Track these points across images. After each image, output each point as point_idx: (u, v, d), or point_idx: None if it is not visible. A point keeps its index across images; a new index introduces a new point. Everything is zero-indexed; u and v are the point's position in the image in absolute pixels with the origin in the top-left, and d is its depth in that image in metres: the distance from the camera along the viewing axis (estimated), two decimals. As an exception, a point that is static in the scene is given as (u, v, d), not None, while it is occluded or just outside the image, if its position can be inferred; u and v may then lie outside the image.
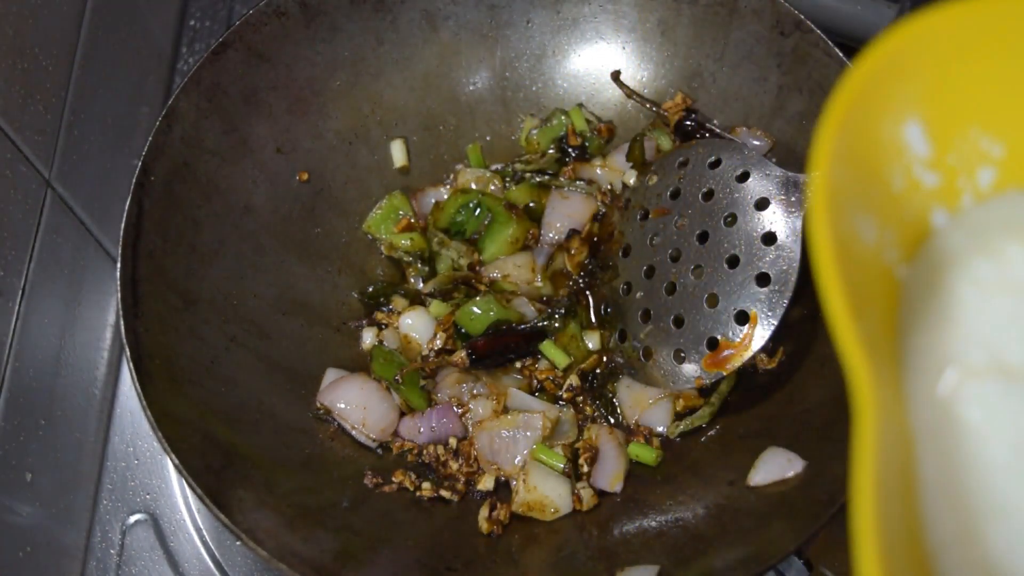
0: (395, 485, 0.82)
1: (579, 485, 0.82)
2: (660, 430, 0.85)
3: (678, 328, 0.82)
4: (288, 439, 0.82)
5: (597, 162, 0.96)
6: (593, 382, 0.88)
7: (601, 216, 0.93)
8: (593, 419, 0.86)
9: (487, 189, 0.95)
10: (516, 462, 0.82)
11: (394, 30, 0.94)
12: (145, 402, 0.73)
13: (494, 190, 0.95)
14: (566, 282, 0.93)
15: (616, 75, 0.97)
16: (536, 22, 0.96)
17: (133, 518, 0.94)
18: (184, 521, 0.94)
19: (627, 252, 0.88)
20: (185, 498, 0.94)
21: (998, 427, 0.45)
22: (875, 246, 0.48)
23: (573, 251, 0.92)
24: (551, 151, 0.97)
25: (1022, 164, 0.51)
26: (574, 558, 0.77)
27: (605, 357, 0.89)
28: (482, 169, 0.97)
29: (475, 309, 0.87)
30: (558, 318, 0.88)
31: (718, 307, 0.79)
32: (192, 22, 1.19)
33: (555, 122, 0.97)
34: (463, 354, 0.85)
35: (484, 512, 0.80)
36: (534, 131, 0.98)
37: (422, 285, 0.94)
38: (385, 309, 0.93)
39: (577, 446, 0.84)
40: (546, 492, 0.80)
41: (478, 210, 0.93)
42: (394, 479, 0.82)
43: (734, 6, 0.89)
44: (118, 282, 0.77)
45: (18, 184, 0.83)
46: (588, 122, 0.97)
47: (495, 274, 0.92)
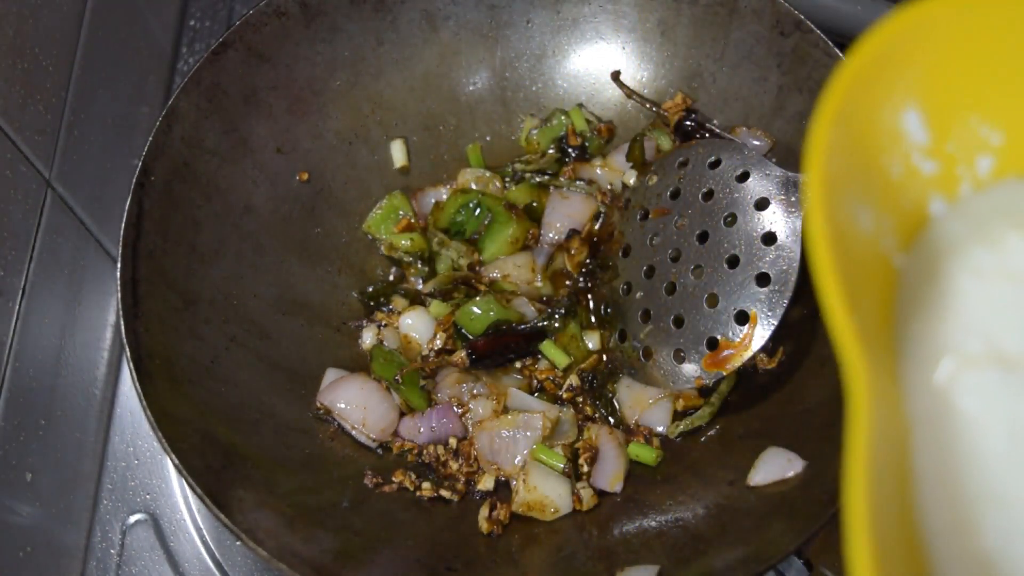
0: (395, 485, 0.82)
1: (579, 485, 0.82)
2: (660, 430, 0.85)
3: (678, 328, 0.82)
4: (288, 439, 0.82)
5: (597, 162, 0.96)
6: (593, 382, 0.88)
7: (601, 216, 0.93)
8: (593, 419, 0.86)
9: (487, 189, 0.95)
10: (516, 462, 0.82)
11: (394, 30, 0.94)
12: (145, 402, 0.73)
13: (494, 190, 0.95)
14: (566, 282, 0.93)
15: (616, 75, 0.97)
16: (536, 22, 0.96)
17: (133, 518, 0.94)
18: (184, 521, 0.94)
19: (627, 252, 0.88)
20: (185, 498, 0.94)
21: (995, 416, 0.45)
22: (872, 234, 0.48)
23: (573, 251, 0.92)
24: (551, 151, 0.97)
25: (1021, 152, 0.51)
26: (574, 558, 0.77)
27: (605, 357, 0.89)
28: (482, 169, 0.97)
29: (475, 309, 0.87)
30: (558, 318, 0.88)
31: (718, 307, 0.79)
32: (192, 22, 1.19)
33: (555, 122, 0.97)
34: (463, 354, 0.85)
35: (484, 512, 0.80)
36: (534, 131, 0.98)
37: (422, 285, 0.94)
38: (385, 309, 0.93)
39: (577, 446, 0.84)
40: (546, 492, 0.80)
41: (478, 210, 0.93)
42: (394, 479, 0.82)
43: (734, 6, 0.89)
44: (118, 282, 0.77)
45: (18, 184, 0.83)
46: (588, 122, 0.97)
47: (495, 274, 0.92)
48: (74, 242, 0.94)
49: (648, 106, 0.96)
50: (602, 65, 0.97)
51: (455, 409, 0.85)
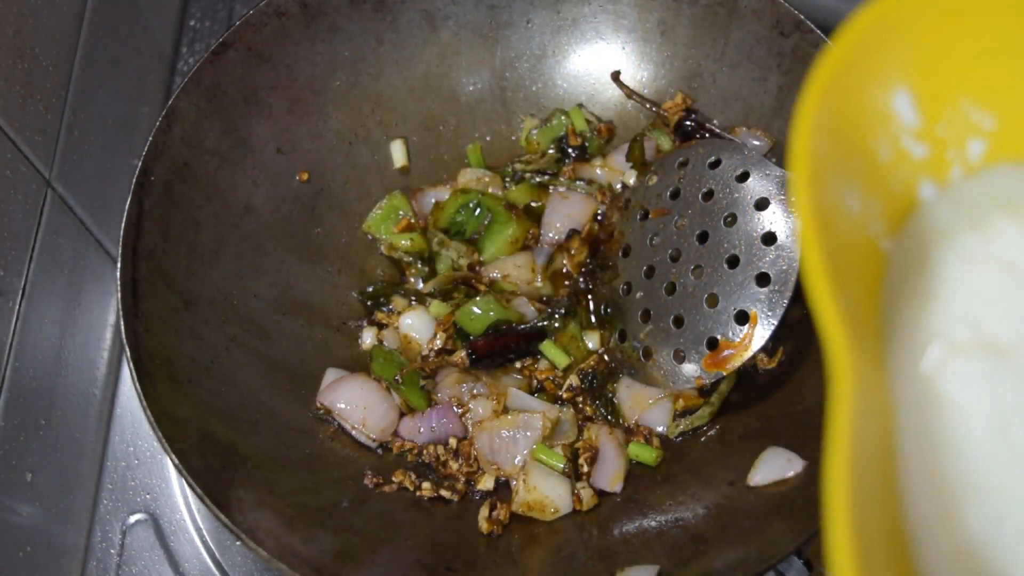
0: (395, 485, 0.82)
1: (579, 485, 0.82)
2: (660, 430, 0.85)
3: (678, 328, 0.82)
4: (288, 439, 0.82)
5: (597, 162, 0.96)
6: (593, 382, 0.88)
7: (601, 216, 0.93)
8: (593, 419, 0.86)
9: (487, 189, 0.95)
10: (516, 462, 0.82)
11: (394, 30, 0.94)
12: (145, 402, 0.73)
13: (494, 190, 0.95)
14: (566, 282, 0.93)
15: (616, 75, 0.97)
16: (536, 22, 0.96)
17: (133, 518, 0.94)
18: (184, 521, 0.94)
19: (627, 252, 0.88)
20: (185, 498, 0.94)
21: (981, 404, 0.44)
22: (860, 218, 0.47)
23: (573, 251, 0.92)
24: (551, 151, 0.97)
25: (1014, 137, 0.50)
26: (574, 558, 0.77)
27: (605, 357, 0.89)
28: (482, 169, 0.97)
29: (475, 309, 0.87)
30: (558, 318, 0.88)
31: (718, 307, 0.79)
32: (192, 22, 1.19)
33: (555, 122, 0.97)
34: (463, 354, 0.85)
35: (484, 512, 0.80)
36: (534, 131, 0.98)
37: (422, 285, 0.94)
38: (385, 309, 0.93)
39: (577, 446, 0.84)
40: (546, 492, 0.80)
41: (478, 210, 0.93)
42: (394, 479, 0.82)
43: (734, 6, 0.89)
44: (118, 282, 0.77)
45: (18, 184, 0.83)
46: (588, 122, 0.97)
47: (495, 274, 0.92)
48: (74, 242, 0.94)
49: (648, 106, 0.96)
50: (602, 65, 0.97)
51: (455, 409, 0.85)
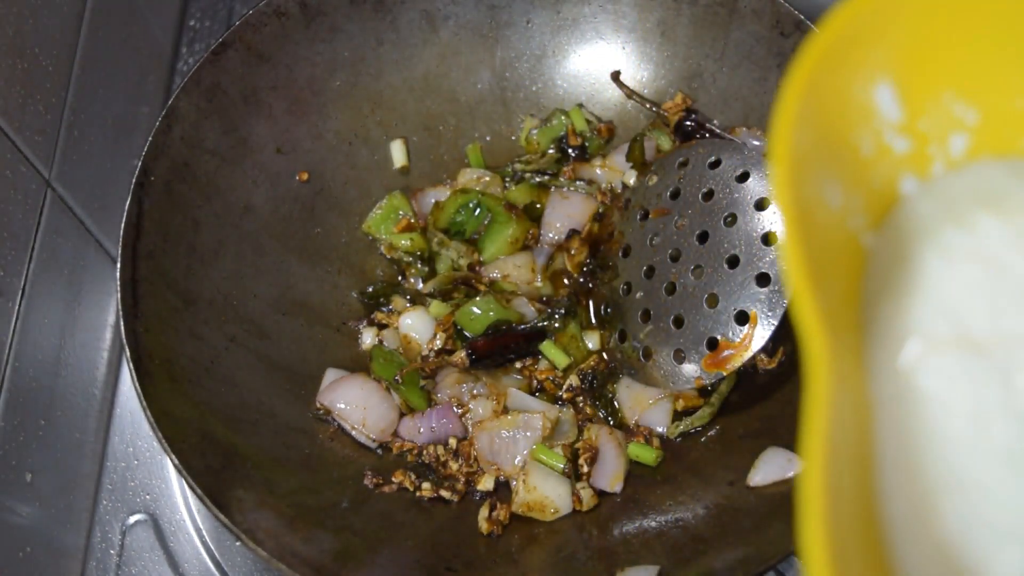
0: (395, 485, 0.82)
1: (579, 485, 0.82)
2: (660, 430, 0.85)
3: (678, 328, 0.82)
4: (288, 439, 0.82)
5: (597, 162, 0.96)
6: (593, 382, 0.88)
7: (601, 216, 0.93)
8: (593, 419, 0.86)
9: (487, 189, 0.95)
10: (516, 462, 0.82)
11: (394, 30, 0.94)
12: (145, 402, 0.73)
13: (494, 190, 0.95)
14: (566, 282, 0.93)
15: (616, 75, 0.97)
16: (536, 22, 0.96)
17: (133, 518, 0.94)
18: (184, 521, 0.94)
19: (627, 252, 0.88)
20: (185, 498, 0.94)
21: (959, 400, 0.44)
22: (841, 212, 0.47)
23: (573, 251, 0.92)
24: (551, 151, 0.97)
25: (997, 132, 0.49)
26: (574, 558, 0.77)
27: (605, 357, 0.89)
28: (482, 169, 0.97)
29: (475, 309, 0.87)
30: (558, 318, 0.88)
31: (718, 307, 0.79)
32: (192, 22, 1.19)
33: (555, 122, 0.97)
34: (463, 354, 0.85)
35: (484, 512, 0.80)
36: (534, 131, 0.98)
37: (422, 285, 0.94)
38: (385, 309, 0.93)
39: (577, 446, 0.84)
40: (546, 492, 0.80)
41: (478, 210, 0.93)
42: (394, 479, 0.82)
43: (734, 6, 0.89)
44: (118, 282, 0.77)
45: (18, 184, 0.83)
46: (588, 122, 0.97)
47: (495, 274, 0.92)
48: (74, 242, 0.94)
49: (648, 106, 0.95)
50: (602, 65, 0.97)
51: (455, 409, 0.85)
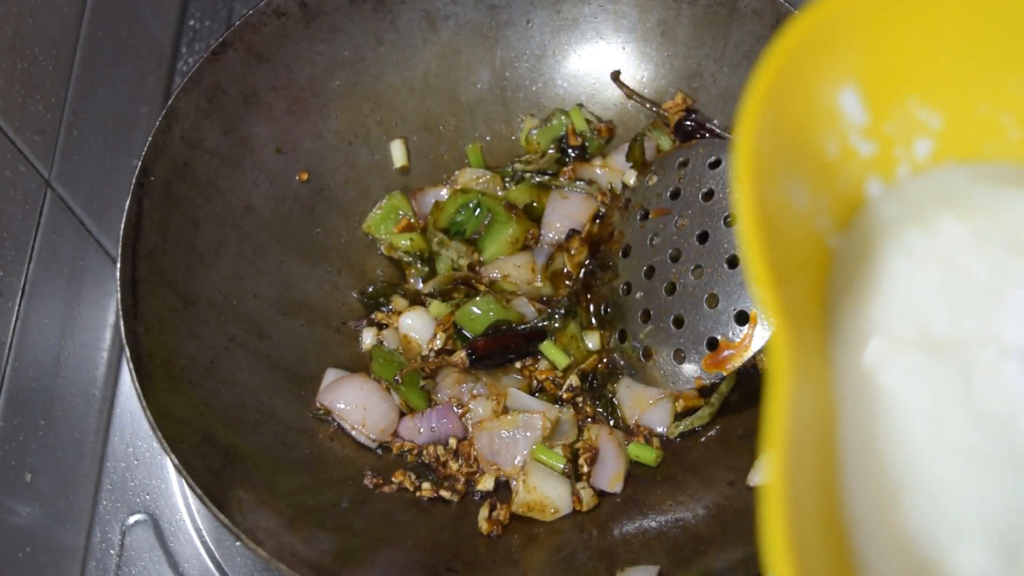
0: (395, 485, 0.82)
1: (579, 485, 0.82)
2: (660, 430, 0.85)
3: (678, 328, 0.82)
4: (288, 439, 0.82)
5: (597, 162, 0.96)
6: (593, 382, 0.88)
7: (601, 216, 0.93)
8: (593, 419, 0.86)
9: (487, 189, 0.95)
10: (516, 462, 0.82)
11: (394, 30, 0.94)
12: (145, 402, 0.73)
13: (494, 190, 0.95)
14: (566, 282, 0.93)
15: (616, 75, 0.97)
16: (536, 22, 0.96)
17: (133, 518, 0.94)
18: (184, 521, 0.94)
19: (627, 252, 0.88)
20: (185, 498, 0.94)
21: (919, 398, 0.44)
22: (807, 213, 0.47)
23: (573, 251, 0.92)
24: (551, 151, 0.97)
25: (960, 137, 0.50)
26: (574, 558, 0.77)
27: (605, 357, 0.89)
28: (482, 169, 0.97)
29: (475, 309, 0.87)
30: (558, 318, 0.88)
31: (718, 307, 0.79)
32: (192, 22, 1.19)
33: (555, 122, 0.97)
34: (463, 354, 0.85)
35: (484, 512, 0.80)
36: (534, 131, 0.98)
37: (422, 285, 0.94)
38: (385, 309, 0.93)
39: (577, 446, 0.84)
40: (546, 492, 0.80)
41: (478, 210, 0.93)
42: (394, 479, 0.82)
43: (734, 6, 0.89)
44: (118, 282, 0.77)
45: (18, 184, 0.83)
46: (588, 122, 0.97)
47: (495, 274, 0.92)
48: (74, 242, 0.94)
49: (648, 106, 0.95)
50: (602, 65, 0.97)
51: (455, 409, 0.85)
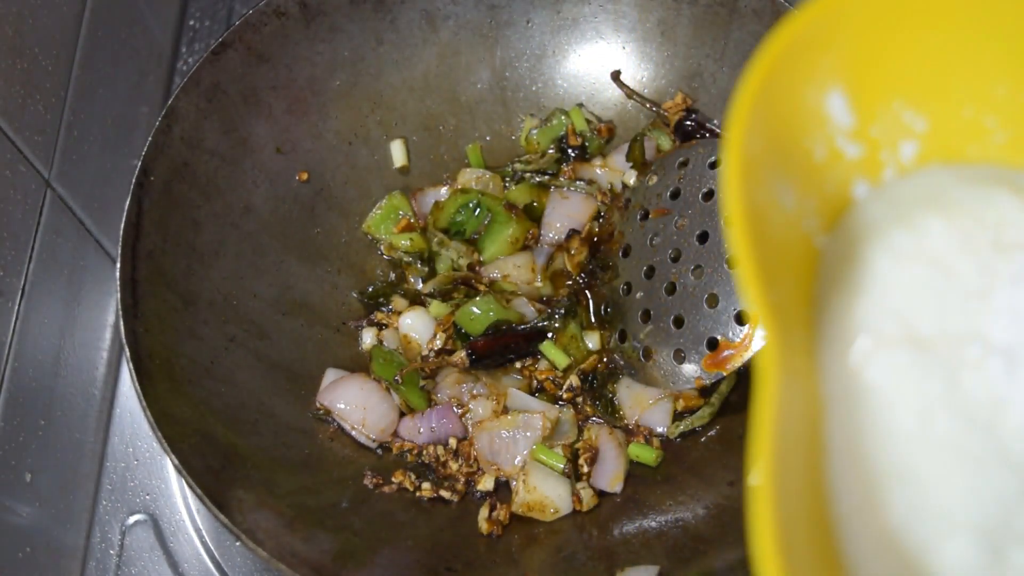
0: (395, 485, 0.82)
1: (579, 485, 0.82)
2: (660, 430, 0.85)
3: (678, 328, 0.82)
4: (288, 439, 0.82)
5: (597, 162, 0.96)
6: (593, 382, 0.88)
7: (601, 216, 0.93)
8: (593, 419, 0.86)
9: (487, 189, 0.95)
10: (516, 462, 0.82)
11: (394, 30, 0.94)
12: (145, 402, 0.73)
13: (494, 190, 0.95)
14: (566, 282, 0.93)
15: (616, 75, 0.97)
16: (536, 22, 0.96)
17: (133, 519, 0.94)
18: (184, 521, 0.94)
19: (627, 252, 0.88)
20: (185, 498, 0.94)
21: (905, 396, 0.45)
22: (794, 214, 0.48)
23: (573, 251, 0.92)
24: (551, 151, 0.97)
25: (945, 139, 0.51)
26: (574, 558, 0.77)
27: (605, 357, 0.89)
28: (482, 169, 0.97)
29: (475, 309, 0.87)
30: (558, 318, 0.88)
31: (718, 307, 0.79)
32: (192, 22, 1.19)
33: (555, 122, 0.97)
34: (463, 354, 0.85)
35: (484, 512, 0.80)
36: (534, 131, 0.98)
37: (422, 285, 0.94)
38: (385, 309, 0.93)
39: (577, 446, 0.84)
40: (546, 492, 0.80)
41: (478, 210, 0.93)
42: (394, 479, 0.82)
43: (734, 6, 0.89)
44: (118, 282, 0.77)
45: (18, 184, 0.83)
46: (588, 122, 0.97)
47: (495, 274, 0.92)
48: (74, 242, 0.94)
49: (648, 106, 0.95)
50: (602, 65, 0.97)
51: (455, 409, 0.85)
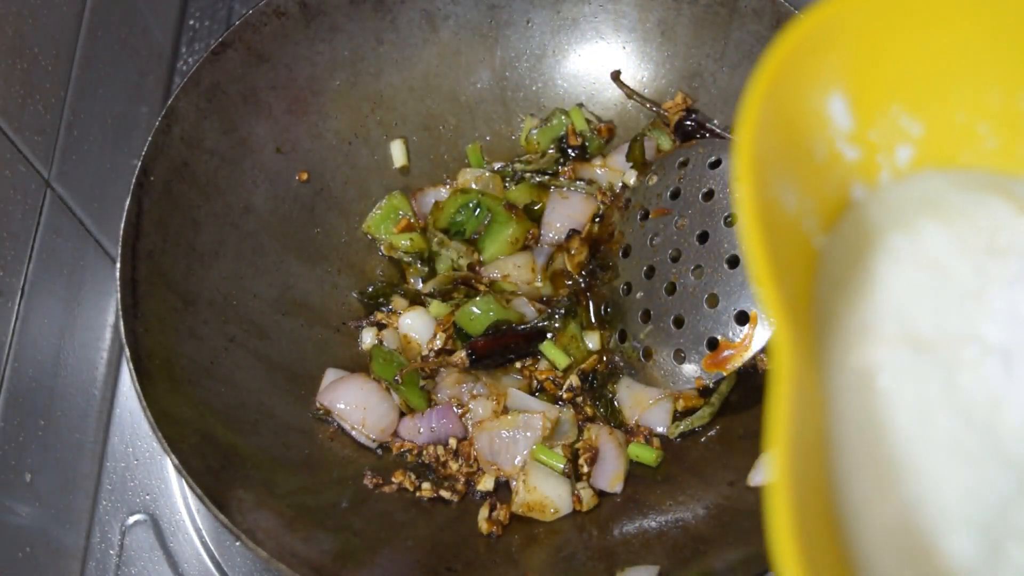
0: (395, 485, 0.82)
1: (579, 485, 0.82)
2: (660, 430, 0.85)
3: (678, 328, 0.82)
4: (288, 439, 0.82)
5: (597, 162, 0.96)
6: (593, 382, 0.88)
7: (601, 216, 0.93)
8: (593, 419, 0.86)
9: (487, 189, 0.95)
10: (516, 462, 0.82)
11: (394, 30, 0.94)
12: (145, 402, 0.73)
13: (494, 190, 0.95)
14: (566, 282, 0.93)
15: (616, 75, 0.97)
16: (536, 22, 0.96)
17: (132, 519, 0.94)
18: (184, 521, 0.94)
19: (627, 252, 0.88)
20: (185, 498, 0.94)
21: (906, 395, 0.46)
22: (795, 215, 0.49)
23: (573, 251, 0.92)
24: (551, 151, 0.97)
25: (940, 144, 0.52)
26: (574, 558, 0.77)
27: (605, 357, 0.89)
28: (482, 169, 0.97)
29: (475, 309, 0.87)
30: (558, 318, 0.88)
31: (718, 307, 0.79)
32: (192, 22, 1.19)
33: (555, 122, 0.97)
34: (463, 354, 0.85)
35: (484, 512, 0.80)
36: (534, 131, 0.98)
37: (422, 285, 0.94)
38: (385, 309, 0.93)
39: (577, 446, 0.84)
40: (546, 492, 0.80)
41: (478, 210, 0.93)
42: (394, 479, 0.82)
43: (734, 6, 0.89)
44: (118, 282, 0.77)
45: (18, 184, 0.83)
46: (588, 122, 0.97)
47: (495, 274, 0.92)
48: (73, 242, 0.94)
49: (648, 106, 0.95)
50: (602, 65, 0.97)
51: (455, 409, 0.85)
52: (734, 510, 0.76)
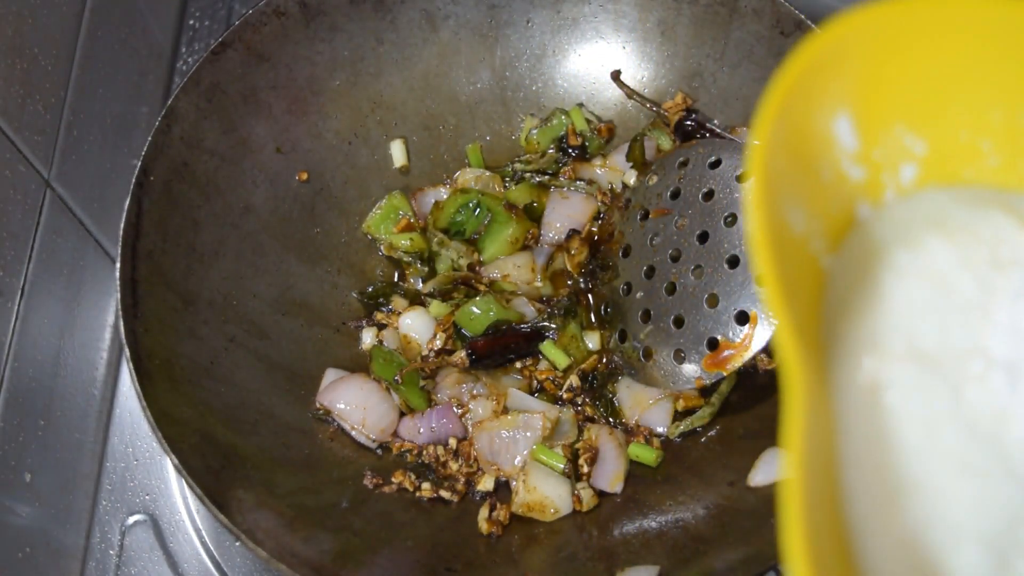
0: (395, 486, 0.82)
1: (579, 485, 0.82)
2: (660, 430, 0.85)
3: (678, 328, 0.82)
4: (288, 439, 0.82)
5: (597, 162, 0.96)
6: (593, 382, 0.88)
7: (601, 216, 0.93)
8: (593, 419, 0.86)
9: (487, 189, 0.95)
10: (516, 462, 0.82)
11: (394, 30, 0.94)
12: (145, 402, 0.73)
13: (494, 190, 0.95)
14: (566, 282, 0.93)
15: (616, 75, 0.97)
16: (536, 22, 0.96)
17: (132, 519, 0.94)
18: (183, 522, 0.94)
19: (627, 252, 0.88)
20: (185, 498, 0.94)
21: (913, 410, 0.46)
22: (803, 235, 0.50)
23: (573, 251, 0.92)
24: (551, 151, 0.97)
25: (943, 162, 0.53)
26: (574, 558, 0.77)
27: (605, 357, 0.89)
28: (482, 169, 0.97)
29: (475, 309, 0.87)
30: (558, 318, 0.88)
31: (718, 307, 0.79)
32: (192, 22, 1.19)
33: (555, 122, 0.97)
34: (463, 354, 0.85)
35: (484, 513, 0.80)
36: (534, 131, 0.98)
37: (422, 285, 0.94)
38: (385, 309, 0.93)
39: (577, 446, 0.84)
40: (546, 492, 0.80)
41: (478, 210, 0.93)
42: (394, 479, 0.82)
43: (734, 6, 0.89)
44: (117, 282, 0.77)
45: (18, 184, 0.83)
46: (588, 122, 0.97)
47: (495, 274, 0.92)
48: (73, 242, 0.94)
49: (648, 106, 0.95)
50: (602, 65, 0.97)
51: (455, 409, 0.85)
52: (734, 510, 0.76)
